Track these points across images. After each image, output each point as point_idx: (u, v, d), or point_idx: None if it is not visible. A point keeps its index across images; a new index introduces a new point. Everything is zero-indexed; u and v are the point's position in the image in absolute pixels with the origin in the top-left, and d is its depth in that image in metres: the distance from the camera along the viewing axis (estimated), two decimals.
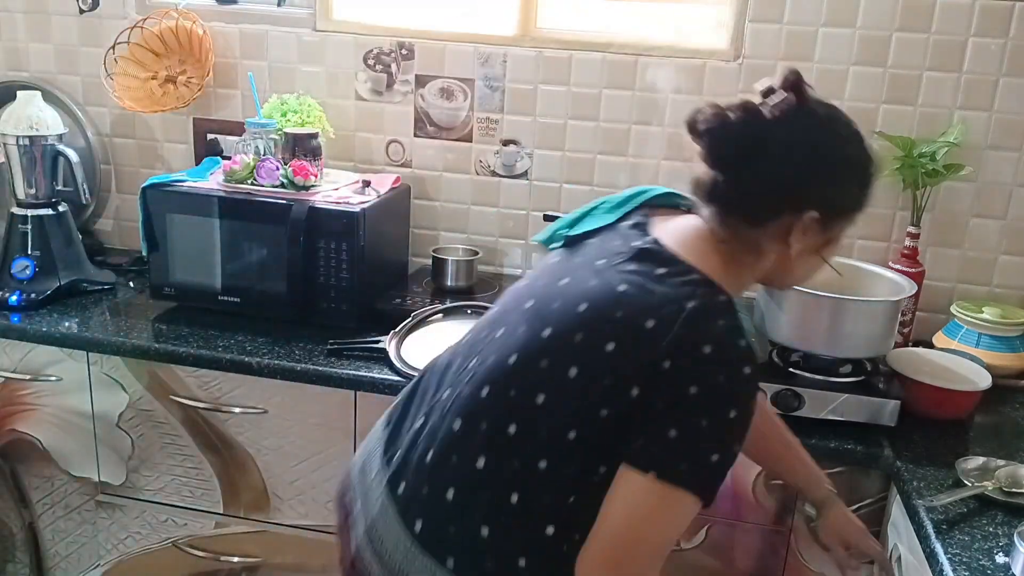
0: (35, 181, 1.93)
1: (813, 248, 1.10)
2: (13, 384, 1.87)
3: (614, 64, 1.98)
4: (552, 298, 1.09)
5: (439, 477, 1.07)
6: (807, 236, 1.07)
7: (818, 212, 1.05)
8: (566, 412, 1.02)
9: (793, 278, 1.17)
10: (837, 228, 1.11)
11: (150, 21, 2.14)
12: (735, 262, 1.09)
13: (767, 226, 1.07)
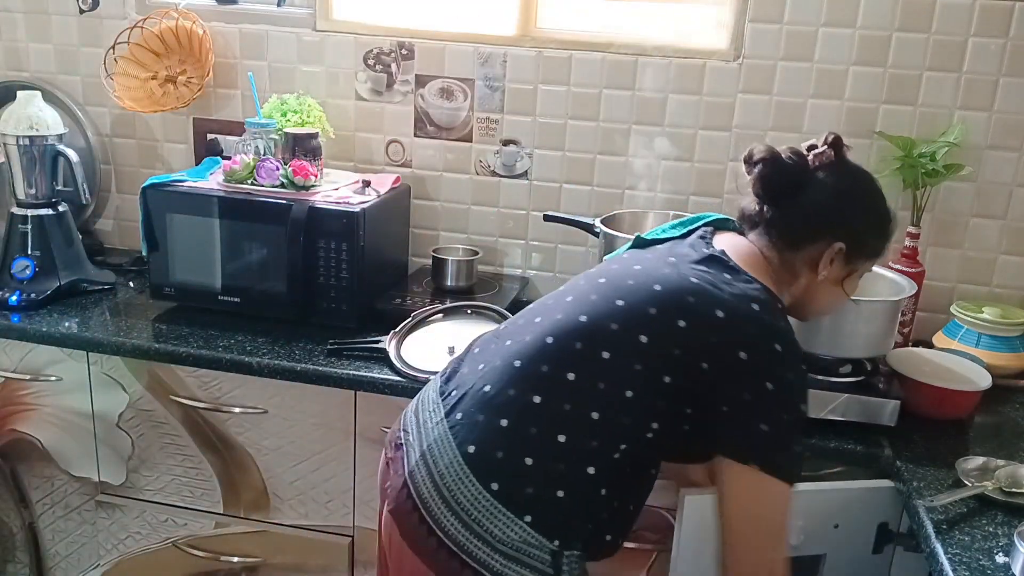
0: (35, 181, 1.93)
1: (836, 278, 1.29)
2: (13, 384, 1.87)
3: (614, 64, 1.98)
4: (626, 277, 1.23)
5: (494, 407, 1.17)
6: (833, 266, 1.27)
7: (844, 244, 1.25)
8: (628, 372, 1.14)
9: (816, 306, 1.33)
10: (858, 264, 1.29)
11: (150, 21, 2.14)
12: (777, 281, 1.26)
13: (803, 250, 1.26)
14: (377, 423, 1.70)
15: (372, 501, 1.75)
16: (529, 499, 1.13)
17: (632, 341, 1.15)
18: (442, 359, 1.67)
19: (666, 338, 1.15)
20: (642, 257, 1.29)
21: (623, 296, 1.19)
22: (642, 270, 1.23)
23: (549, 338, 1.19)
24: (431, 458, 1.18)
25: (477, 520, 1.13)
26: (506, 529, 1.12)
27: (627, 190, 2.04)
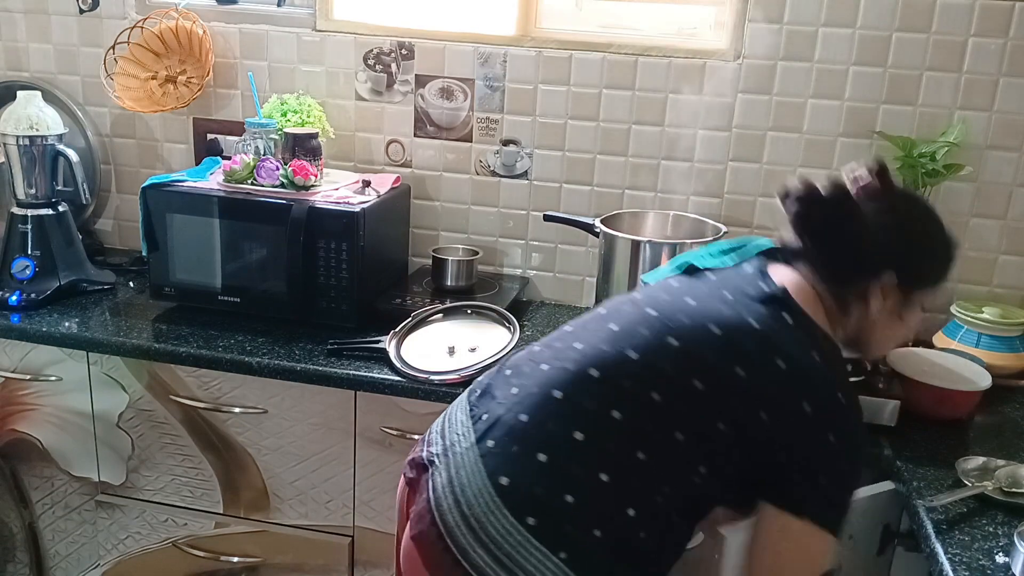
0: (35, 181, 1.93)
1: (893, 311, 1.23)
2: (13, 384, 1.87)
3: (614, 64, 1.98)
4: (679, 312, 1.17)
5: (532, 440, 1.11)
6: (887, 300, 1.21)
7: (897, 275, 1.19)
8: (680, 416, 1.10)
9: (875, 341, 1.28)
10: (918, 294, 1.24)
11: (150, 21, 2.14)
12: (829, 318, 1.22)
13: (853, 285, 1.21)
14: (377, 423, 1.70)
15: (372, 501, 1.75)
16: (566, 536, 1.07)
17: (686, 386, 1.11)
18: (442, 359, 1.67)
19: (723, 387, 1.11)
20: (695, 290, 1.21)
21: (677, 335, 1.14)
22: (697, 307, 1.17)
23: (594, 371, 1.13)
24: (459, 485, 1.11)
25: (508, 554, 1.06)
26: (539, 565, 1.05)
27: (627, 190, 2.04)
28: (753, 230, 2.01)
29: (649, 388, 1.11)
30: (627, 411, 1.11)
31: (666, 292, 1.23)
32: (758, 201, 1.99)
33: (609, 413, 1.10)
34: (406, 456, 1.70)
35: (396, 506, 1.26)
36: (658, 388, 1.11)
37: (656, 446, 1.10)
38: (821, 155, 1.94)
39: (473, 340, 1.71)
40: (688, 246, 1.63)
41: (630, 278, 1.65)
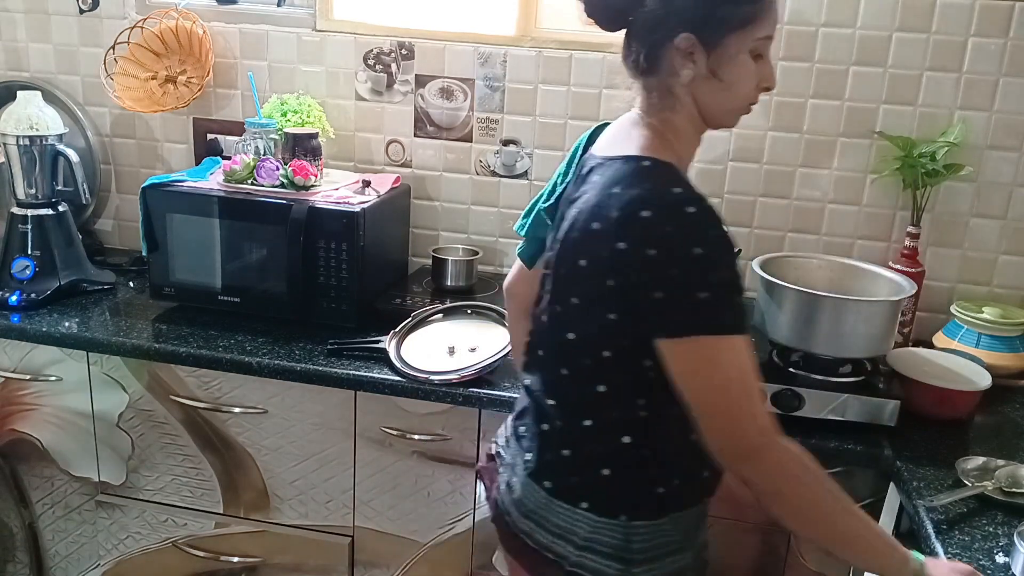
0: (35, 181, 1.93)
1: (709, 71, 1.12)
2: (13, 384, 1.87)
3: (614, 64, 1.96)
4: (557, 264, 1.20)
5: (537, 414, 1.23)
6: (695, 61, 1.11)
7: (688, 31, 1.10)
8: (593, 337, 1.13)
9: (717, 107, 1.17)
10: (725, 42, 1.11)
11: (150, 21, 2.14)
12: (665, 123, 1.16)
13: (659, 66, 1.14)
14: (377, 423, 1.70)
15: (372, 501, 1.75)
16: (578, 487, 1.16)
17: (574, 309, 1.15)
18: (442, 359, 1.67)
19: (585, 289, 1.13)
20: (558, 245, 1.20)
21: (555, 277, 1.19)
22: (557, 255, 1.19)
23: (540, 351, 1.24)
24: (509, 476, 1.26)
25: (545, 518, 1.17)
26: (571, 520, 1.15)
27: None
28: (753, 230, 2.01)
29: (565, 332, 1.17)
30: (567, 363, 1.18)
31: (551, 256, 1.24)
32: (758, 201, 2.00)
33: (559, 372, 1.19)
34: (406, 456, 1.71)
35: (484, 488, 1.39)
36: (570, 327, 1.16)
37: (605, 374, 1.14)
38: (821, 155, 1.94)
39: (473, 340, 1.71)
40: None
41: None
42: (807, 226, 1.99)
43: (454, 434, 1.67)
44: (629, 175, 1.10)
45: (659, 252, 1.03)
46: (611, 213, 1.07)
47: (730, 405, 1.06)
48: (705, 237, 1.04)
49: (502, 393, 1.61)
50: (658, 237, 1.04)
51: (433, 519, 1.74)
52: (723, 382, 1.05)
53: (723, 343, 1.04)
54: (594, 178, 1.16)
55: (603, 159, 1.18)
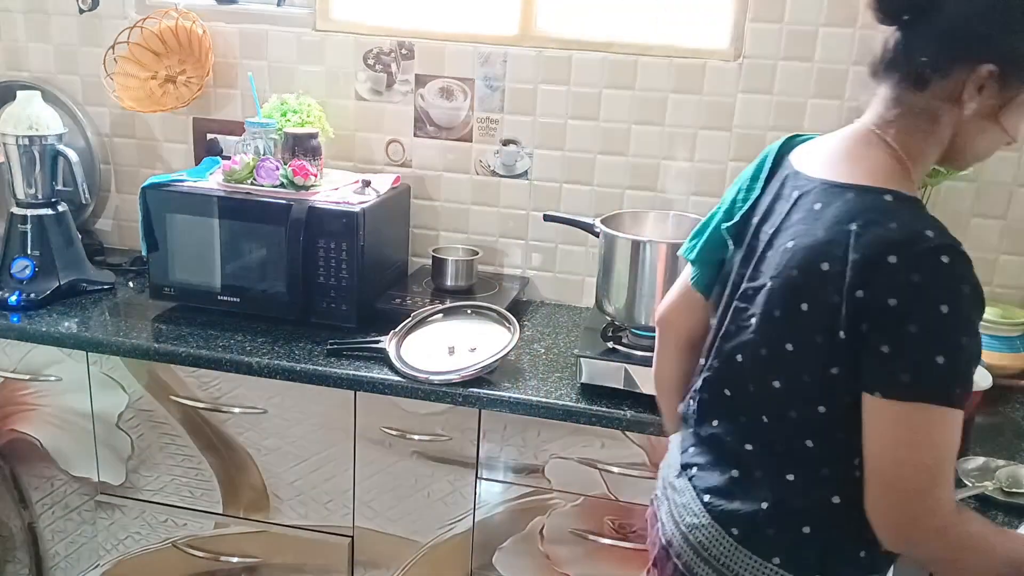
0: (35, 181, 1.93)
1: (990, 111, 1.02)
2: (13, 384, 1.86)
3: (614, 64, 1.98)
4: (753, 294, 1.10)
5: (721, 462, 1.15)
6: (983, 95, 1.00)
7: (995, 65, 0.99)
8: (802, 391, 1.04)
9: (969, 150, 1.07)
10: (1018, 86, 1.01)
11: (150, 21, 2.14)
12: (910, 150, 1.04)
13: (938, 86, 1.01)
14: (377, 423, 1.70)
15: (372, 501, 1.75)
16: (773, 541, 1.07)
17: (788, 356, 1.04)
18: (442, 359, 1.68)
19: (809, 330, 1.01)
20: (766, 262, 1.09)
21: (765, 317, 1.07)
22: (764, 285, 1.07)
23: (727, 390, 1.16)
24: (677, 509, 1.18)
25: (728, 567, 1.09)
26: (759, 574, 1.08)
27: (627, 190, 2.04)
28: None
29: (770, 376, 1.07)
30: (767, 409, 1.09)
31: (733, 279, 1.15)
32: None
33: (758, 418, 1.09)
34: (406, 456, 1.71)
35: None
36: (776, 373, 1.06)
37: (808, 423, 1.05)
38: None
39: (473, 340, 1.71)
40: None
41: (630, 278, 1.65)
42: None
43: (454, 434, 1.67)
44: (870, 210, 0.98)
45: (900, 303, 0.93)
46: (848, 255, 0.96)
47: (929, 485, 0.96)
48: (955, 294, 0.93)
49: (502, 393, 1.61)
50: (902, 286, 0.93)
51: (433, 519, 1.74)
52: (931, 460, 0.95)
53: (946, 417, 0.94)
54: (810, 204, 1.05)
55: (822, 183, 1.06)
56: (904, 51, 1.03)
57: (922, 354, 0.93)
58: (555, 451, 1.64)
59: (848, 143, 1.09)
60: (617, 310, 1.68)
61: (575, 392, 1.62)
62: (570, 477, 1.65)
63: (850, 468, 1.02)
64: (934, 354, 0.93)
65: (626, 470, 1.61)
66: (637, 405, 1.58)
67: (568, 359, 1.77)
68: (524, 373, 1.70)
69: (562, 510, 1.67)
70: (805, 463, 1.06)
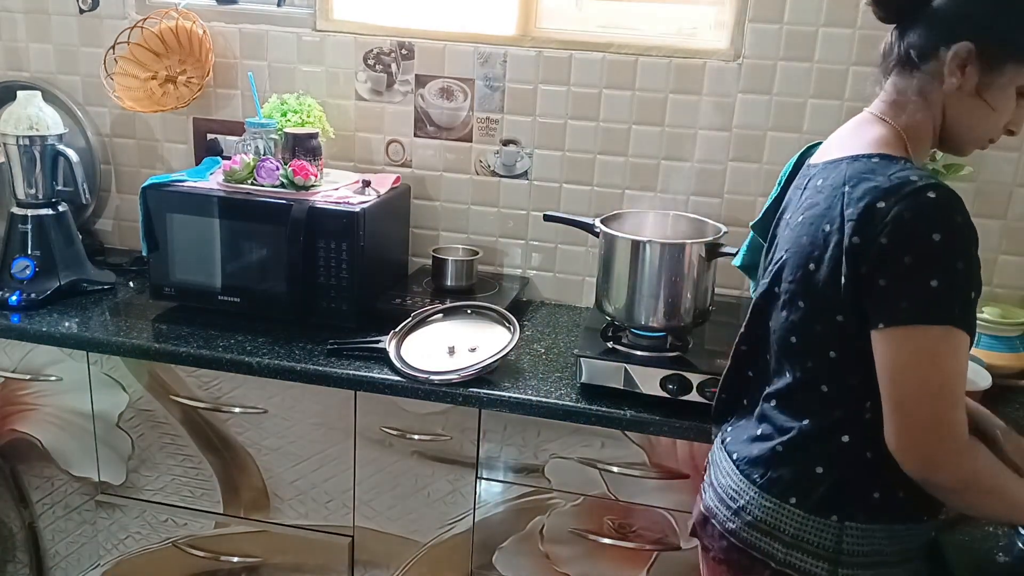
0: (35, 181, 1.93)
1: (975, 89, 1.08)
2: (13, 384, 1.87)
3: (614, 64, 1.98)
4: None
5: (748, 422, 1.25)
6: (967, 73, 1.07)
7: (972, 42, 1.06)
8: (814, 340, 1.13)
9: (963, 129, 1.13)
10: (1005, 67, 1.07)
11: (150, 21, 2.14)
12: (906, 127, 1.12)
13: (925, 67, 1.10)
14: (377, 423, 1.70)
15: (372, 501, 1.75)
16: (788, 481, 1.14)
17: (802, 313, 1.13)
18: (442, 359, 1.68)
19: (818, 286, 1.09)
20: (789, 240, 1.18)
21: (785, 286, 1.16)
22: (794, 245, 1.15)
23: (758, 360, 1.26)
24: (715, 476, 1.27)
25: (752, 514, 1.16)
26: (778, 517, 1.13)
27: (627, 190, 2.04)
28: None
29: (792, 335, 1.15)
30: (791, 366, 1.16)
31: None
32: (758, 201, 1.99)
33: (783, 377, 1.18)
34: (406, 456, 1.71)
35: None
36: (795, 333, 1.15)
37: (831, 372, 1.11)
38: None
39: (473, 340, 1.71)
40: (687, 246, 1.62)
41: (630, 278, 1.65)
42: None
43: (454, 434, 1.67)
44: (860, 172, 1.06)
45: (891, 239, 0.99)
46: (844, 211, 1.04)
47: (937, 408, 1.00)
48: (947, 223, 0.98)
49: (502, 393, 1.61)
50: (893, 225, 0.99)
51: (433, 519, 1.74)
52: (938, 381, 1.00)
53: (949, 336, 0.99)
54: (815, 183, 1.14)
55: (825, 164, 1.15)
56: (900, 43, 1.13)
57: (918, 279, 0.98)
58: (555, 451, 1.64)
59: (853, 126, 1.18)
60: (617, 310, 1.68)
61: (575, 392, 1.62)
62: (570, 477, 1.65)
63: (861, 410, 1.09)
64: (929, 278, 0.98)
65: (626, 470, 1.61)
66: (637, 405, 1.58)
67: (568, 359, 1.77)
68: (524, 373, 1.70)
69: (562, 510, 1.67)
70: (821, 407, 1.13)
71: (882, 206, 1.00)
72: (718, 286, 1.78)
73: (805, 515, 1.12)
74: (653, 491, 1.62)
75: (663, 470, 1.60)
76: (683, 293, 1.63)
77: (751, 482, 1.17)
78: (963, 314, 1.00)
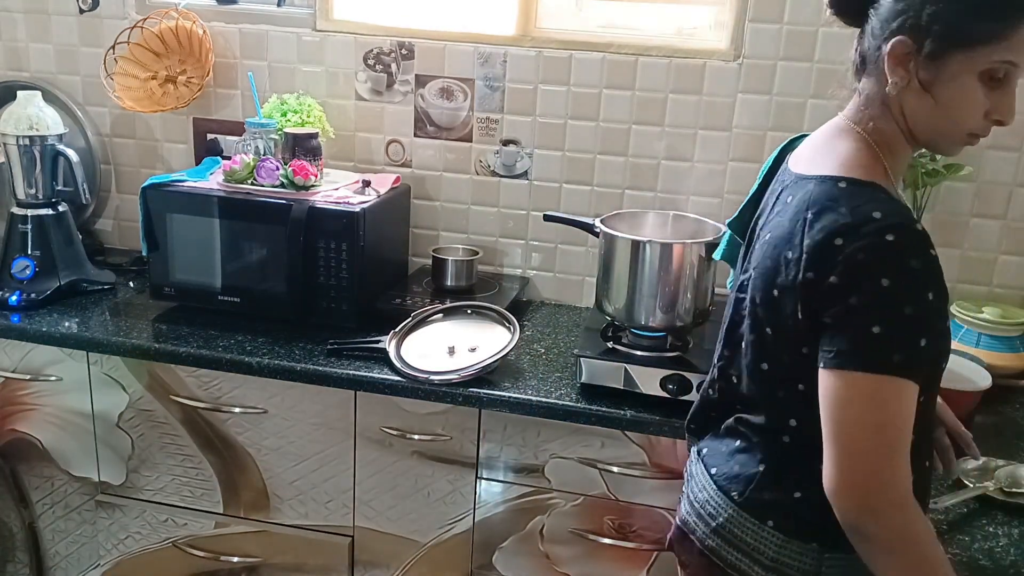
0: (35, 181, 1.93)
1: (921, 88, 1.02)
2: (13, 384, 1.87)
3: (614, 64, 1.98)
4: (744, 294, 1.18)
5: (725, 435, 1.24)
6: (911, 69, 1.02)
7: (905, 36, 1.01)
8: (783, 371, 1.11)
9: (925, 128, 1.06)
10: (948, 57, 1.00)
11: (150, 21, 2.14)
12: (874, 133, 1.08)
13: (874, 71, 1.06)
14: (377, 423, 1.70)
15: (372, 501, 1.75)
16: (769, 504, 1.12)
17: (768, 339, 1.10)
18: (442, 359, 1.68)
19: (780, 313, 1.06)
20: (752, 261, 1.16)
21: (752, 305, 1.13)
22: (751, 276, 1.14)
23: (733, 375, 1.23)
24: (691, 490, 1.25)
25: (732, 532, 1.14)
26: (758, 538, 1.11)
27: (627, 190, 2.04)
28: None
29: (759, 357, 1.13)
30: (761, 389, 1.15)
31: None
32: None
33: (756, 397, 1.16)
34: (406, 456, 1.71)
35: None
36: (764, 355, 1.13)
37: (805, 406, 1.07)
38: None
39: (473, 340, 1.71)
40: (687, 246, 1.62)
41: (630, 278, 1.65)
42: None
43: (454, 434, 1.67)
44: (824, 198, 1.02)
45: (841, 279, 0.96)
46: (804, 241, 1.01)
47: (878, 448, 0.96)
48: (898, 268, 0.95)
49: (502, 393, 1.61)
50: (846, 265, 0.96)
51: (433, 519, 1.74)
52: (878, 422, 0.96)
53: (886, 384, 0.95)
54: (785, 197, 1.10)
55: (795, 177, 1.11)
56: (857, 48, 1.10)
57: (860, 323, 0.96)
58: (555, 451, 1.64)
59: (826, 136, 1.14)
60: (617, 310, 1.68)
61: (575, 392, 1.62)
62: (570, 477, 1.65)
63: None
64: (871, 323, 0.95)
65: (626, 470, 1.61)
66: (637, 405, 1.58)
67: (568, 359, 1.77)
68: (524, 373, 1.70)
69: (562, 510, 1.67)
70: (796, 434, 1.11)
71: (839, 243, 0.97)
72: (718, 286, 1.78)
73: (785, 539, 1.09)
74: (653, 491, 1.62)
75: (663, 470, 1.60)
76: (683, 293, 1.63)
77: (730, 499, 1.15)
78: (907, 362, 0.96)
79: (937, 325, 0.99)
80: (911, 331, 0.96)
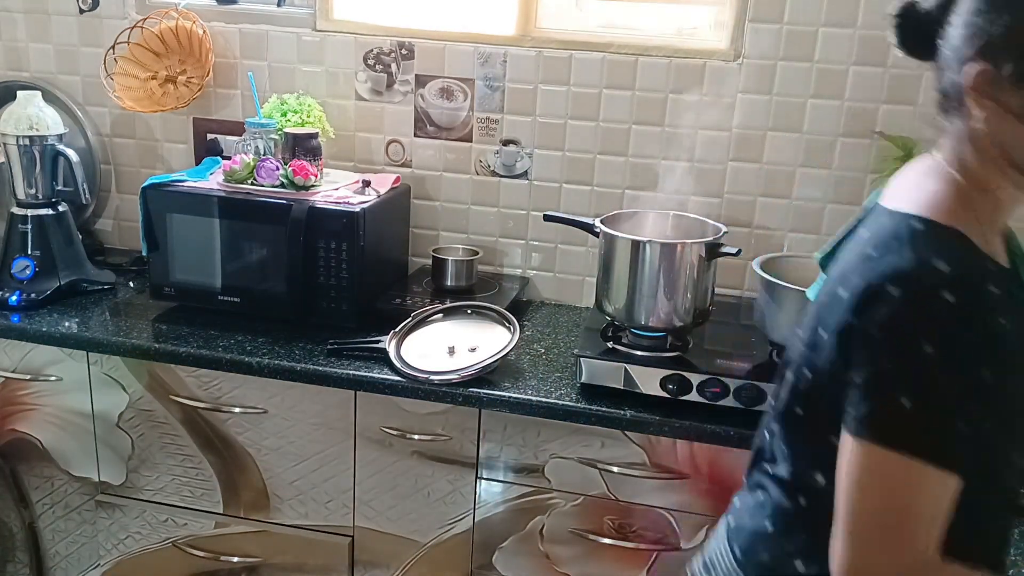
0: (35, 181, 1.93)
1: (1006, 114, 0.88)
2: (13, 384, 1.87)
3: (614, 64, 1.98)
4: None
5: (751, 485, 1.14)
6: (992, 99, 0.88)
7: (983, 63, 0.88)
8: (818, 421, 0.98)
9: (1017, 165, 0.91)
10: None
11: (150, 21, 2.14)
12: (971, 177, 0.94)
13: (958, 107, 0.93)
14: (377, 423, 1.70)
15: (372, 501, 1.75)
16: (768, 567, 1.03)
17: (806, 383, 0.99)
18: (442, 359, 1.68)
19: (822, 356, 0.95)
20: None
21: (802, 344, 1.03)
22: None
23: (773, 421, 1.10)
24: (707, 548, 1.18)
25: None
26: None
27: (627, 190, 2.04)
28: (753, 230, 2.01)
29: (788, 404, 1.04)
30: (790, 436, 1.05)
31: None
32: (758, 201, 2.00)
33: (784, 444, 1.06)
34: (406, 456, 1.71)
35: None
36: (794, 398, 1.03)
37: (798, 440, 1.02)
38: (821, 155, 1.94)
39: (473, 340, 1.71)
40: (687, 246, 1.62)
41: (630, 278, 1.65)
42: (807, 226, 1.99)
43: (454, 434, 1.67)
44: (892, 237, 0.90)
45: (880, 335, 0.85)
46: (857, 280, 0.89)
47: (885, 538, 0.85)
48: (948, 334, 0.82)
49: (502, 393, 1.61)
50: (890, 319, 0.85)
51: (433, 519, 1.74)
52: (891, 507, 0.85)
53: (908, 467, 0.83)
54: (862, 231, 0.98)
55: (880, 210, 0.99)
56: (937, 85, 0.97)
57: (889, 391, 0.84)
58: (555, 451, 1.64)
59: (917, 172, 1.00)
60: (617, 310, 1.68)
61: (575, 392, 1.62)
62: (570, 477, 1.65)
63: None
64: (900, 394, 0.83)
65: (626, 470, 1.61)
66: (637, 405, 1.58)
67: (568, 359, 1.77)
68: (524, 373, 1.70)
69: (562, 510, 1.67)
70: (813, 500, 0.99)
71: (895, 293, 0.85)
72: (718, 286, 1.78)
73: None
74: (653, 491, 1.62)
75: (663, 470, 1.60)
76: (683, 293, 1.63)
77: (732, 554, 1.08)
78: (940, 448, 0.83)
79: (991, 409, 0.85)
80: (949, 412, 0.83)
